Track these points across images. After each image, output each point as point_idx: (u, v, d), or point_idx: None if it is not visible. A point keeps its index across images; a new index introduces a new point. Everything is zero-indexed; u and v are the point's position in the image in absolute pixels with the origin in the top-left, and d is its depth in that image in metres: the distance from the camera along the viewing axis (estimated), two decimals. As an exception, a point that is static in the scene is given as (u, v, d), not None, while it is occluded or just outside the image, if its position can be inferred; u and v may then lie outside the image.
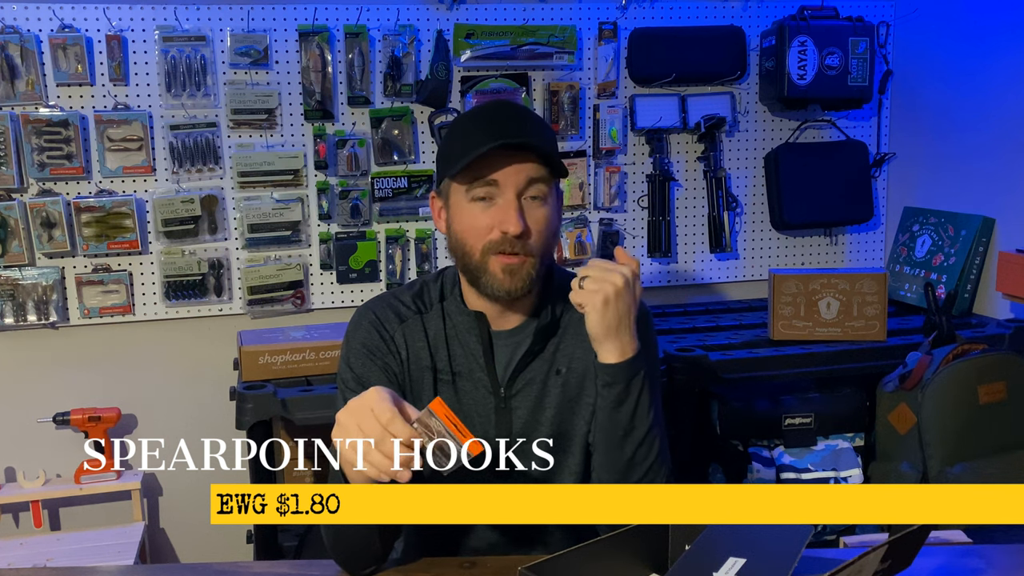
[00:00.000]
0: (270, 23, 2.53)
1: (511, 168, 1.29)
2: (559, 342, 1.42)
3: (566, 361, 1.41)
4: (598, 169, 2.79)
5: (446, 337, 1.41)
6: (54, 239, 2.42)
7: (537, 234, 1.31)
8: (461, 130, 1.35)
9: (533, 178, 1.30)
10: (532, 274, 1.32)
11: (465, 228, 1.33)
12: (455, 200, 1.35)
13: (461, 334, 1.40)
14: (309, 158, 2.59)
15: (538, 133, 1.32)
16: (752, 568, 1.03)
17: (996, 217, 2.59)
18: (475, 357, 1.39)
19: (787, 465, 2.30)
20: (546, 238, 1.33)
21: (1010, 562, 1.31)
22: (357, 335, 1.41)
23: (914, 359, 2.23)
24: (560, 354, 1.42)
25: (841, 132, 2.93)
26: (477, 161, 1.29)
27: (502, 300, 1.35)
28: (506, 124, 1.30)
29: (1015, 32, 2.49)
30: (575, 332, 1.42)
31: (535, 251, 1.32)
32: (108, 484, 2.48)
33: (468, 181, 1.31)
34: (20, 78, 2.37)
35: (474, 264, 1.33)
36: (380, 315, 1.42)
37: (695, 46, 2.74)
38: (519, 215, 1.28)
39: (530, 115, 1.37)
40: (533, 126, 1.32)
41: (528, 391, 1.40)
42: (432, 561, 1.30)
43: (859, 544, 1.43)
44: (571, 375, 1.41)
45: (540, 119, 1.41)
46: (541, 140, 1.31)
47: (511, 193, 1.29)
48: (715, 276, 2.96)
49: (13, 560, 2.30)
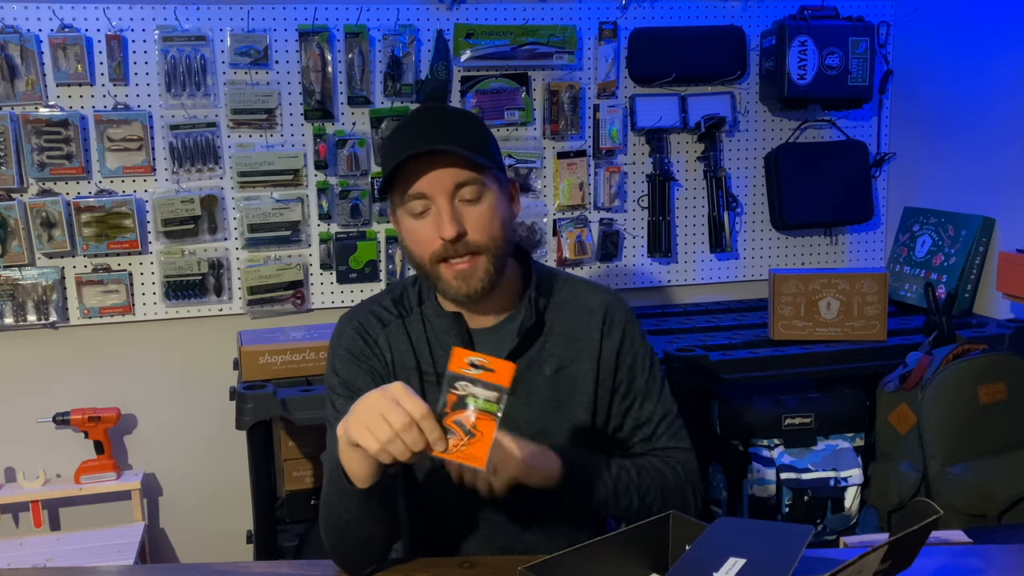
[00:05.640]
0: (270, 23, 2.53)
1: (433, 175, 1.27)
2: (544, 341, 1.41)
3: (555, 362, 1.40)
4: (598, 169, 2.79)
5: (427, 340, 1.40)
6: (54, 239, 2.42)
7: (479, 232, 1.29)
8: (386, 147, 1.37)
9: (459, 182, 1.28)
10: (489, 271, 1.31)
11: (412, 242, 1.33)
12: (399, 217, 1.35)
13: (441, 336, 1.40)
14: (309, 158, 2.59)
15: (452, 136, 1.28)
16: (752, 568, 1.03)
17: (996, 217, 2.59)
18: None
19: (787, 465, 2.30)
20: (491, 233, 1.30)
21: (1010, 562, 1.31)
22: (342, 342, 1.42)
23: (914, 359, 2.23)
24: (547, 354, 1.40)
25: (841, 132, 2.93)
26: (402, 177, 1.28)
27: (468, 303, 1.36)
28: (422, 133, 1.29)
29: (1015, 32, 2.49)
30: (562, 332, 1.41)
31: (483, 248, 1.30)
32: (108, 484, 2.48)
33: (401, 198, 1.31)
34: (20, 78, 2.37)
35: (429, 274, 1.34)
36: (363, 321, 1.43)
37: (695, 46, 2.74)
38: (452, 220, 1.27)
39: (449, 117, 1.36)
40: (449, 130, 1.30)
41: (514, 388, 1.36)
42: (432, 561, 1.30)
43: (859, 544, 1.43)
44: (561, 376, 1.40)
45: (463, 118, 1.38)
46: (455, 141, 1.28)
47: (442, 200, 1.28)
48: (715, 276, 2.96)
49: (13, 560, 2.30)
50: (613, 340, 1.42)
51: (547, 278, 1.45)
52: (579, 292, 1.45)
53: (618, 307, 1.45)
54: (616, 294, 1.48)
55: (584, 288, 1.46)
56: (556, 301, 1.43)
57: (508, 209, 1.36)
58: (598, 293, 1.46)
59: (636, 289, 2.91)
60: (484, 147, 1.31)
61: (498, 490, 1.27)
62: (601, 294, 1.46)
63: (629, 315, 1.46)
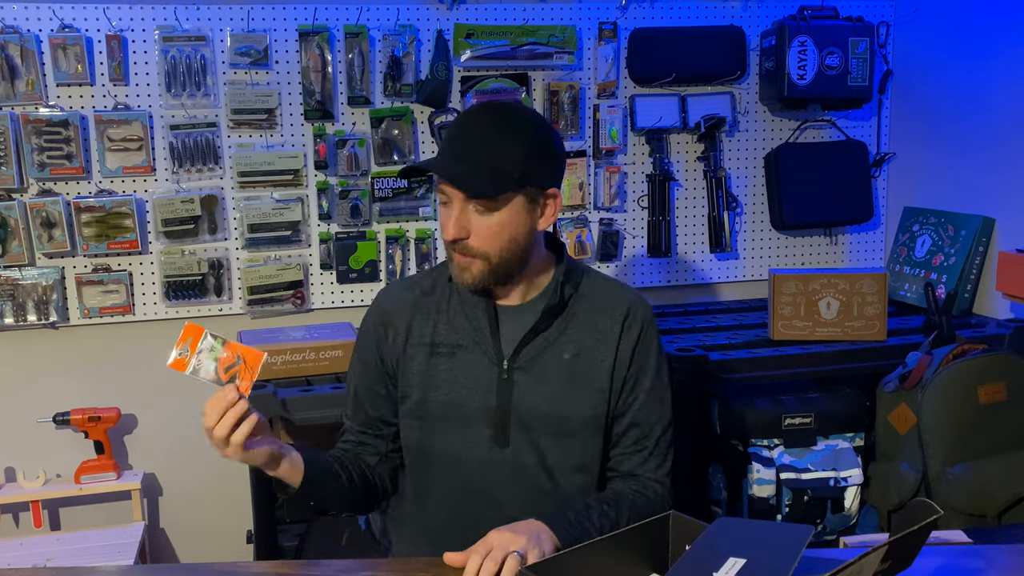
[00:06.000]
0: (270, 23, 2.53)
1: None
2: (566, 325, 1.46)
3: (574, 347, 1.45)
4: (598, 169, 2.79)
5: (450, 312, 1.48)
6: (54, 239, 2.42)
7: (480, 240, 1.37)
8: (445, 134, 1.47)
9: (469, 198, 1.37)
10: (484, 274, 1.39)
11: (439, 222, 1.45)
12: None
13: (468, 308, 1.47)
14: (309, 158, 2.59)
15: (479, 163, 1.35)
16: (752, 568, 1.03)
17: (996, 217, 2.59)
18: (480, 329, 1.45)
19: (787, 465, 2.30)
20: (493, 245, 1.38)
21: (1010, 562, 1.31)
22: (368, 317, 1.55)
23: (914, 359, 2.23)
24: (566, 338, 1.45)
25: (841, 132, 2.93)
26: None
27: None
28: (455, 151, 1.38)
29: (1015, 32, 2.49)
30: (584, 320, 1.46)
31: (482, 254, 1.38)
32: (108, 484, 2.48)
33: (438, 185, 1.41)
34: (20, 78, 2.37)
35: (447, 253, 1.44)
36: (384, 302, 1.54)
37: (695, 46, 2.74)
38: (455, 224, 1.37)
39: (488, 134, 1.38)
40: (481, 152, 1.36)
41: (532, 366, 1.44)
42: (432, 561, 1.30)
43: (859, 544, 1.43)
44: (579, 361, 1.45)
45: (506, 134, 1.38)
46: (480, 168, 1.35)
47: (457, 203, 1.37)
48: (715, 276, 2.96)
49: (13, 560, 2.30)
50: (631, 337, 1.47)
51: (577, 271, 1.51)
52: (606, 288, 1.51)
53: (641, 308, 1.50)
54: (642, 298, 1.53)
55: (612, 286, 1.53)
56: (583, 292, 1.49)
57: (527, 224, 1.40)
58: (625, 293, 1.52)
59: (636, 289, 2.90)
60: (518, 167, 1.36)
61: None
62: (627, 294, 1.52)
63: (650, 318, 1.51)
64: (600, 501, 1.42)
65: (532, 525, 1.30)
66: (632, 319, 1.47)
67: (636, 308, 1.49)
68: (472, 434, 1.44)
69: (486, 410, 1.43)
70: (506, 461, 1.43)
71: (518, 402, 1.43)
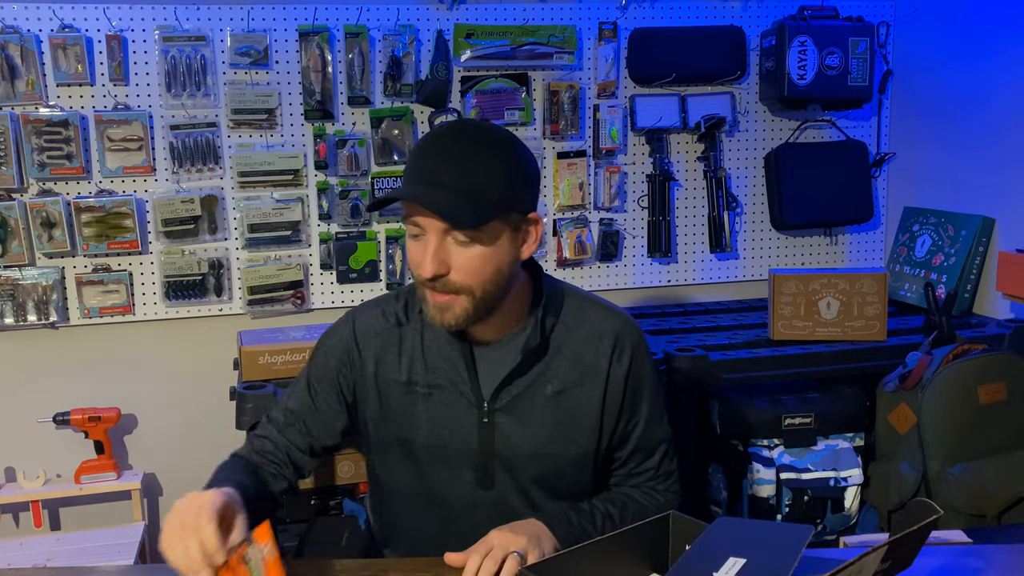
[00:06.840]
0: (270, 23, 2.53)
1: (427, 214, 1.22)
2: (549, 362, 1.37)
3: (558, 382, 1.37)
4: (598, 169, 2.79)
5: (424, 349, 1.37)
6: (54, 239, 2.42)
7: (463, 274, 1.23)
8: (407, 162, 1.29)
9: (448, 228, 1.22)
10: (468, 311, 1.26)
11: (408, 257, 1.30)
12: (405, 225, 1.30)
13: (442, 347, 1.36)
14: (309, 158, 2.59)
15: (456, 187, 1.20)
16: (752, 568, 1.03)
17: (996, 217, 2.59)
18: (457, 370, 1.35)
19: (787, 465, 2.30)
20: (476, 279, 1.24)
21: (1010, 562, 1.31)
22: (332, 339, 1.44)
23: (914, 359, 2.23)
24: (551, 372, 1.36)
25: (841, 132, 2.93)
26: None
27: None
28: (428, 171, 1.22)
29: (1015, 32, 2.49)
30: (568, 354, 1.37)
31: (464, 290, 1.24)
32: (108, 484, 2.48)
33: (405, 215, 1.26)
34: (20, 78, 2.37)
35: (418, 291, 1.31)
36: (360, 326, 1.42)
37: (695, 46, 2.74)
38: (433, 259, 1.22)
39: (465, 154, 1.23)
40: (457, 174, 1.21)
41: (513, 407, 1.36)
42: (432, 561, 1.30)
43: (859, 544, 1.43)
44: (563, 398, 1.37)
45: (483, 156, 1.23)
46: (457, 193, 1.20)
47: (432, 236, 1.22)
48: (715, 276, 2.96)
49: (13, 560, 2.30)
50: (622, 367, 1.38)
51: (557, 296, 1.40)
52: (590, 315, 1.40)
53: (629, 332, 1.40)
54: (628, 318, 1.43)
55: (596, 311, 1.41)
56: (565, 322, 1.38)
57: (510, 253, 1.27)
58: (610, 317, 1.40)
59: (636, 289, 2.91)
60: (496, 192, 1.22)
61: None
62: (613, 319, 1.40)
63: (640, 340, 1.42)
64: (606, 502, 1.40)
65: (532, 525, 1.29)
66: (621, 349, 1.38)
67: (623, 335, 1.39)
68: (456, 475, 1.38)
69: (468, 452, 1.36)
70: (492, 503, 1.39)
71: (501, 445, 1.36)
